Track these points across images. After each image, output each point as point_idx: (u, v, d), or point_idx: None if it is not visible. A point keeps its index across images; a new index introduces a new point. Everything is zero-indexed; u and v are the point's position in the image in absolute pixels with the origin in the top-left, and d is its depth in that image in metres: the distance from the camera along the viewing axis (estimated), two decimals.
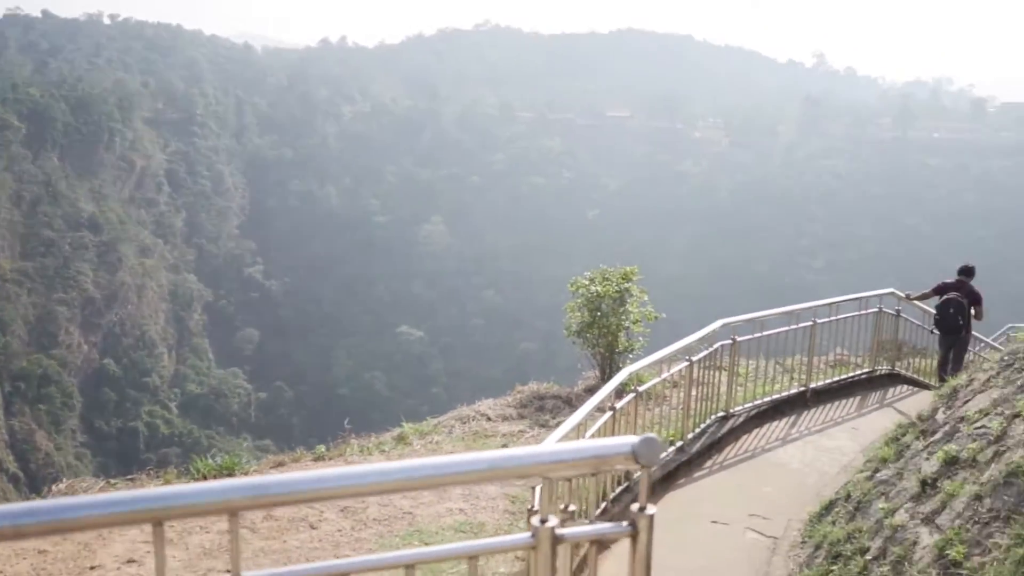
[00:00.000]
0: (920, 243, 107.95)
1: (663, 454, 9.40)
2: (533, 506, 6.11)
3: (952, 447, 6.68)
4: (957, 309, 12.26)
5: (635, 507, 1.95)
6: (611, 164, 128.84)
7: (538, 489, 5.54)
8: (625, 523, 1.96)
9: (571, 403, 11.00)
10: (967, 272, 12.64)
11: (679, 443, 9.71)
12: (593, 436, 7.75)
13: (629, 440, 1.87)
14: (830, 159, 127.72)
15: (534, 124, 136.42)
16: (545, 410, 10.98)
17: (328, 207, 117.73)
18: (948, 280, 12.70)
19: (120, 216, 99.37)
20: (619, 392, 8.60)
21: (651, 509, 1.94)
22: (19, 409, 76.19)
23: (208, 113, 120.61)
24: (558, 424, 8.42)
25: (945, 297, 12.45)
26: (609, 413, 8.04)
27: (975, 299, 12.44)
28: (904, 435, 8.17)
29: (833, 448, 10.34)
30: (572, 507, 2.43)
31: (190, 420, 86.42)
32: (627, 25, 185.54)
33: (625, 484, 8.67)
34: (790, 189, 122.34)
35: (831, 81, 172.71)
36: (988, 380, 7.54)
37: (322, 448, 9.99)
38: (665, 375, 9.55)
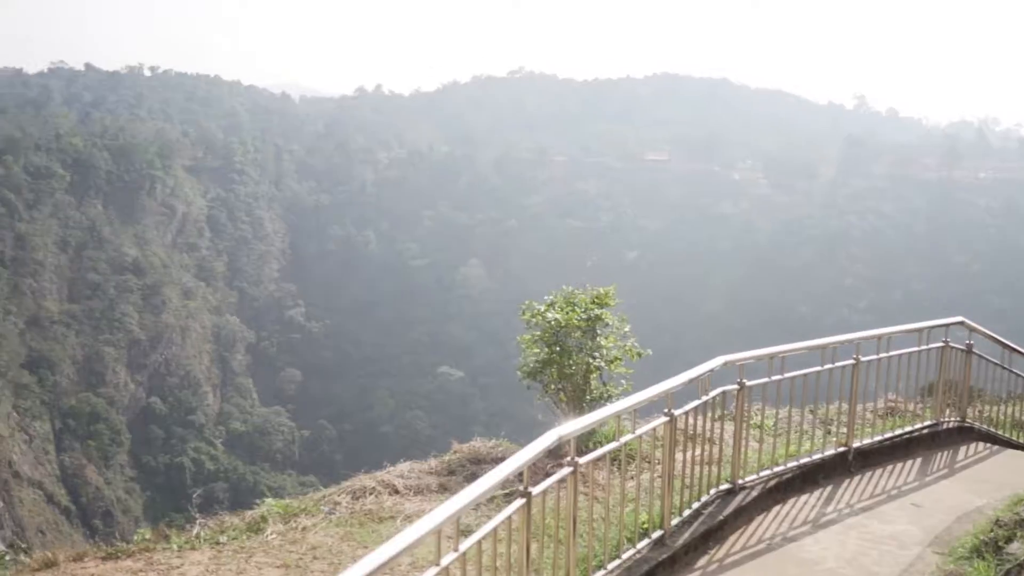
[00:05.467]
0: (970, 282, 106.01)
1: (630, 550, 6.41)
2: None
3: None
4: None
5: None
6: (649, 206, 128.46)
7: None
8: None
9: None
10: None
11: (657, 532, 6.71)
12: (480, 543, 4.55)
13: None
14: (873, 199, 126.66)
15: (570, 168, 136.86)
16: (478, 477, 7.46)
17: (366, 251, 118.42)
18: None
19: (163, 260, 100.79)
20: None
21: None
22: (69, 445, 77.52)
23: (247, 160, 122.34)
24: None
25: None
26: (520, 501, 4.97)
27: None
28: (1010, 539, 5.83)
29: (887, 536, 7.36)
30: None
31: (235, 456, 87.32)
32: (662, 70, 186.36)
33: None
34: (832, 229, 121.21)
35: (873, 122, 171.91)
36: None
37: (129, 543, 7.37)
38: (627, 437, 6.26)
